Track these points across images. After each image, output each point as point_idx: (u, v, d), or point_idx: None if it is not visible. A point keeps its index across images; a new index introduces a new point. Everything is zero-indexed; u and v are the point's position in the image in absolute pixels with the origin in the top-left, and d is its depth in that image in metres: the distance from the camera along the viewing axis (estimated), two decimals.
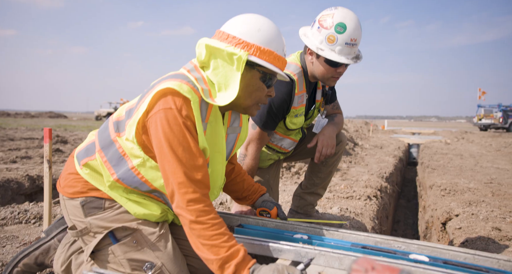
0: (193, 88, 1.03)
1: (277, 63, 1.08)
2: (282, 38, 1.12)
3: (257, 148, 1.66)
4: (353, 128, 12.66)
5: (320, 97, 1.80)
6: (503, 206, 2.86)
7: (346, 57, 1.51)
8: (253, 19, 1.08)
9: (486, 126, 21.24)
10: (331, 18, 1.48)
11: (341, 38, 1.48)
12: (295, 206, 1.99)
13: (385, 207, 3.81)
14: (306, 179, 1.98)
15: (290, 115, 1.67)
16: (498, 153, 7.48)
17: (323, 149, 1.70)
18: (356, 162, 5.92)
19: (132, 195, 1.12)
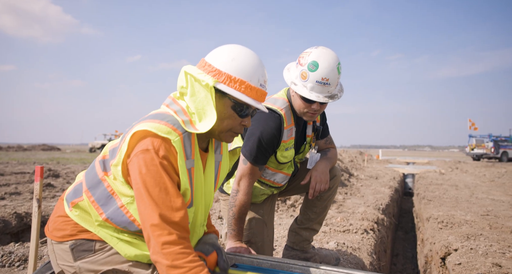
0: (173, 127, 1.03)
1: (249, 93, 1.07)
2: (261, 69, 1.12)
3: (249, 183, 1.66)
4: (348, 159, 12.69)
5: (311, 132, 1.83)
6: (501, 240, 2.82)
7: (317, 94, 1.54)
8: (231, 49, 1.10)
9: (479, 156, 21.49)
10: (308, 55, 1.54)
11: (312, 75, 1.52)
12: (291, 242, 1.94)
13: (382, 240, 3.73)
14: (301, 214, 1.96)
15: (280, 149, 1.69)
16: (492, 184, 7.49)
17: (317, 185, 1.70)
18: (352, 193, 5.87)
19: (123, 234, 1.09)
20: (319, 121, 1.86)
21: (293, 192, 1.98)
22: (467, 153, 22.98)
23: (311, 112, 1.62)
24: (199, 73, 1.06)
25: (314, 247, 2.00)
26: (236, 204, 1.63)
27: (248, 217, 1.79)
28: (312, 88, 1.54)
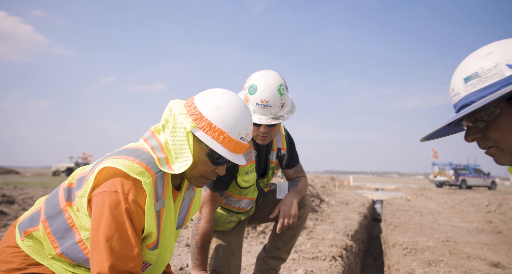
0: (146, 167, 1.01)
1: (227, 144, 1.04)
2: (245, 122, 1.08)
3: (211, 210, 1.65)
4: (319, 184, 12.89)
5: (275, 159, 1.86)
6: (459, 266, 2.96)
7: (259, 117, 1.55)
8: (220, 96, 1.08)
9: (441, 183, 22.58)
10: (250, 79, 1.59)
11: (252, 98, 1.55)
12: (258, 271, 1.94)
13: (351, 267, 3.77)
14: (270, 242, 1.97)
15: (240, 173, 1.70)
16: (453, 210, 7.87)
17: (285, 220, 1.71)
18: (322, 219, 5.94)
19: (80, 268, 1.04)
20: (285, 149, 1.90)
21: (262, 221, 2.00)
22: (431, 180, 24.09)
23: (261, 136, 1.63)
24: (181, 113, 1.06)
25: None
26: (199, 232, 1.62)
27: (215, 245, 1.78)
28: (254, 111, 1.57)
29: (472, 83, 0.84)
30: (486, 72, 0.82)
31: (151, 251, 1.07)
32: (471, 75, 0.84)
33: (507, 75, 0.79)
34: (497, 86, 0.80)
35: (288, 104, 1.65)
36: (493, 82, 0.80)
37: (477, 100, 0.82)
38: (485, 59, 0.83)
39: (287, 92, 1.62)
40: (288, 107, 1.65)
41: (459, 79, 0.87)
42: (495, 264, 2.96)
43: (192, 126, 1.03)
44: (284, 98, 1.59)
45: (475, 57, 0.86)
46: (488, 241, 4.17)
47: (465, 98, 0.85)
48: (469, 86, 0.84)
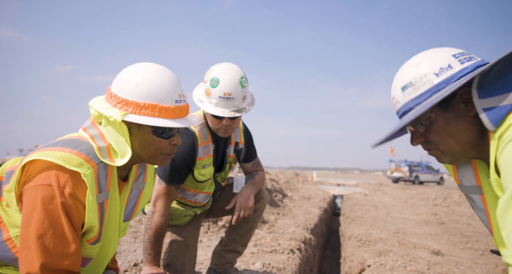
0: (86, 157, 0.96)
1: (165, 114, 1.00)
2: (173, 84, 1.03)
3: (166, 204, 1.63)
4: (284, 180, 13.13)
5: (233, 153, 1.87)
6: (405, 255, 3.17)
7: (222, 110, 1.55)
8: (133, 73, 1.02)
9: (397, 179, 24.01)
10: (210, 72, 1.58)
11: (214, 91, 1.54)
12: (214, 265, 1.95)
13: (309, 260, 3.91)
14: (227, 236, 1.99)
15: (197, 167, 1.70)
16: (405, 204, 8.41)
17: (241, 212, 1.73)
18: (284, 213, 6.07)
19: (7, 268, 0.98)
20: (243, 143, 1.91)
21: (220, 215, 2.01)
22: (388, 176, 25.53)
23: (223, 129, 1.64)
24: (106, 108, 1.00)
25: (237, 270, 2.04)
26: (152, 226, 1.60)
27: (169, 239, 1.76)
28: (217, 104, 1.56)
29: (408, 92, 0.93)
30: (418, 81, 0.91)
31: (93, 246, 1.04)
32: (406, 84, 0.93)
33: (436, 82, 0.88)
34: (429, 93, 0.89)
35: (249, 96, 1.67)
36: (426, 90, 0.89)
37: (415, 107, 0.91)
38: (416, 69, 0.92)
39: (248, 85, 1.64)
40: (248, 99, 1.66)
41: (397, 88, 0.96)
42: (436, 252, 3.22)
43: (122, 115, 0.98)
44: (246, 90, 1.61)
45: (408, 68, 0.95)
46: (433, 231, 4.52)
47: (405, 105, 0.94)
48: (406, 94, 0.93)
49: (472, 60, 0.89)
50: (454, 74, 0.87)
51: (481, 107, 0.84)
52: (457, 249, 3.46)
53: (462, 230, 4.75)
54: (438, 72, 0.89)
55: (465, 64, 0.88)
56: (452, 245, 3.66)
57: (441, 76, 0.88)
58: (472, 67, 0.87)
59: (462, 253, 3.28)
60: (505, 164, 0.75)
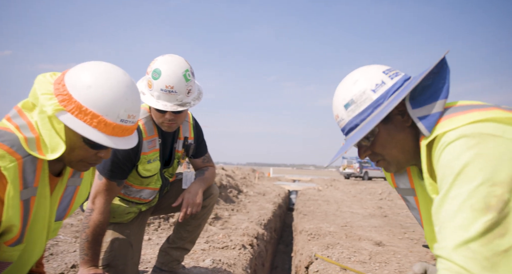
0: (9, 149, 0.86)
1: (103, 129, 0.93)
2: (126, 101, 0.96)
3: (106, 201, 1.54)
4: (240, 176, 13.17)
5: (181, 148, 1.82)
6: (351, 246, 3.35)
7: (164, 103, 1.49)
8: (93, 72, 0.95)
9: (349, 175, 25.32)
10: (153, 63, 1.52)
11: (156, 84, 1.48)
12: (160, 263, 1.89)
13: (261, 255, 3.97)
14: (174, 233, 1.93)
15: (142, 162, 1.63)
16: (354, 199, 8.89)
17: (188, 208, 1.68)
18: (238, 209, 6.09)
19: None
20: (193, 138, 1.86)
21: (167, 211, 1.95)
22: (340, 172, 26.81)
23: (167, 123, 1.58)
24: (46, 93, 0.91)
25: (184, 267, 1.99)
26: (90, 224, 1.50)
27: (110, 238, 1.67)
28: (159, 97, 1.50)
29: (351, 109, 0.99)
30: (359, 98, 0.97)
31: (12, 248, 0.94)
32: (348, 102, 0.99)
33: (375, 98, 0.96)
34: (370, 109, 0.96)
35: (195, 91, 1.61)
36: (367, 106, 0.96)
37: (360, 123, 0.98)
38: (354, 87, 0.99)
39: (194, 79, 1.58)
40: (195, 94, 1.60)
41: (340, 106, 1.02)
42: (378, 243, 3.44)
43: (55, 110, 0.90)
44: (191, 84, 1.55)
45: (347, 85, 1.01)
46: (377, 224, 4.83)
47: (350, 122, 1.00)
48: (349, 112, 0.99)
49: (398, 75, 0.98)
50: (388, 89, 0.95)
51: (416, 116, 0.91)
52: (396, 240, 3.73)
53: (401, 221, 5.13)
54: (374, 88, 0.96)
55: (394, 80, 0.97)
56: (392, 236, 3.94)
57: (378, 92, 0.96)
58: (400, 82, 0.96)
59: (400, 243, 3.54)
60: (441, 168, 0.80)
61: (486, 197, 0.71)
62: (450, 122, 0.83)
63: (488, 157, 0.73)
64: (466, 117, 0.81)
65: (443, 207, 0.76)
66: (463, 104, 0.90)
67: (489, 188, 0.71)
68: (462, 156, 0.75)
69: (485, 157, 0.73)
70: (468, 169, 0.74)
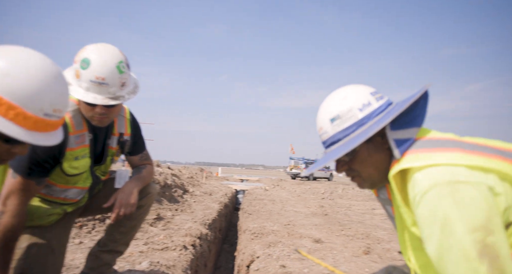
0: None
1: (22, 122, 0.84)
2: (52, 94, 0.88)
3: (21, 202, 1.38)
4: (187, 175, 12.86)
5: (116, 144, 1.71)
6: (292, 244, 3.45)
7: (94, 96, 1.38)
8: (13, 58, 0.85)
9: (295, 175, 26.22)
10: (82, 52, 1.40)
11: (85, 74, 1.36)
12: (88, 268, 1.74)
13: (203, 255, 3.90)
14: (106, 235, 1.80)
15: (68, 158, 1.49)
16: (299, 198, 9.22)
17: (122, 209, 1.57)
18: (183, 209, 5.93)
19: None
20: (129, 135, 1.75)
21: (98, 212, 1.81)
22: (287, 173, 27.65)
23: (97, 117, 1.46)
24: None
25: (116, 271, 1.87)
26: (0, 229, 1.33)
27: (27, 243, 1.49)
28: (88, 89, 1.38)
29: (336, 124, 1.03)
30: (345, 114, 1.02)
31: None
32: (334, 117, 1.04)
33: (360, 117, 1.01)
34: (354, 127, 1.01)
35: (131, 84, 1.51)
36: (352, 124, 1.01)
37: (343, 138, 1.02)
38: (343, 103, 1.04)
39: (129, 71, 1.48)
40: (130, 87, 1.50)
41: (326, 119, 1.06)
42: (317, 240, 3.59)
43: None
44: (125, 76, 1.44)
45: (335, 101, 1.06)
46: (317, 222, 5.05)
47: (333, 136, 1.04)
48: (335, 126, 1.04)
49: (383, 98, 1.05)
50: (374, 110, 1.01)
51: (392, 138, 0.98)
52: (334, 236, 3.94)
53: (340, 219, 5.43)
54: (361, 108, 1.02)
55: (379, 102, 1.03)
56: (330, 233, 4.15)
57: (364, 112, 1.01)
58: (384, 105, 1.03)
59: (337, 240, 3.75)
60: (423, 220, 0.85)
61: (474, 245, 0.76)
62: (417, 158, 0.90)
63: (463, 205, 0.79)
64: (432, 158, 0.88)
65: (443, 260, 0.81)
66: (431, 138, 0.97)
67: (472, 235, 0.77)
68: (440, 207, 0.81)
69: (460, 205, 0.79)
70: (450, 220, 0.79)
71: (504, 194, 0.83)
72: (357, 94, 1.04)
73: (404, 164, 0.92)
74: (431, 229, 0.84)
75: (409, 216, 0.97)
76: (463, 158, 0.86)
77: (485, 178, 0.83)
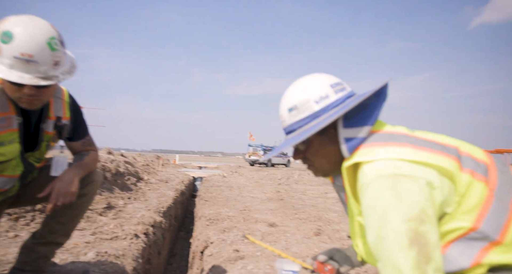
0: None
1: None
2: None
3: None
4: (142, 163, 12.40)
5: (52, 129, 1.57)
6: (247, 229, 3.50)
7: (20, 74, 1.23)
8: None
9: (254, 161, 26.55)
10: (3, 24, 1.23)
11: (6, 49, 1.21)
12: (21, 262, 1.61)
13: (157, 243, 3.81)
14: (43, 226, 1.66)
15: None
16: (256, 184, 9.36)
17: (59, 199, 1.45)
18: (136, 197, 5.73)
19: None
20: (68, 119, 1.61)
21: (31, 203, 1.66)
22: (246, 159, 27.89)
23: (26, 99, 1.32)
24: None
25: (55, 264, 1.75)
26: None
27: None
28: (12, 66, 1.23)
29: (293, 114, 1.06)
30: (302, 106, 1.04)
31: None
32: (292, 106, 1.06)
33: (316, 110, 1.03)
34: (309, 118, 1.03)
35: (66, 63, 1.36)
36: (307, 116, 1.03)
37: (298, 129, 1.05)
38: (301, 93, 1.05)
39: (64, 49, 1.33)
40: (65, 67, 1.36)
41: (285, 108, 1.08)
42: (271, 224, 3.68)
43: None
44: (58, 55, 1.30)
45: (294, 91, 1.07)
46: (273, 207, 5.17)
47: (290, 125, 1.07)
48: (291, 116, 1.06)
49: (344, 91, 1.05)
50: (330, 103, 1.02)
51: (343, 137, 1.00)
52: (288, 220, 4.06)
53: (295, 204, 5.62)
54: (318, 100, 1.03)
55: (338, 95, 1.04)
56: (285, 217, 4.28)
57: (320, 104, 1.03)
58: (343, 98, 1.04)
59: (291, 223, 3.87)
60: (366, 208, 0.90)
61: (407, 233, 0.82)
62: (368, 152, 0.94)
63: (401, 196, 0.85)
64: (382, 152, 0.92)
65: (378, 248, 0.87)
66: (384, 133, 1.00)
67: (406, 225, 0.82)
68: (381, 197, 0.87)
69: (399, 197, 0.85)
70: (388, 211, 0.85)
71: (441, 188, 0.89)
72: (316, 86, 1.05)
73: (356, 158, 0.96)
74: (371, 218, 0.89)
75: (356, 207, 1.03)
76: (410, 152, 0.91)
77: (425, 172, 0.89)
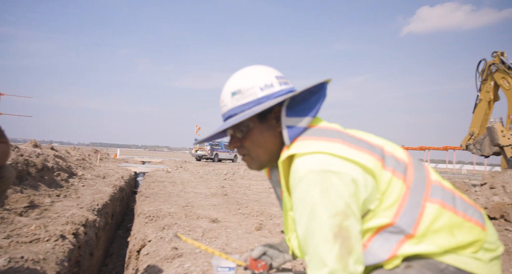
0: None
1: None
2: None
3: None
4: (77, 157, 11.41)
5: None
6: (188, 225, 3.40)
7: None
8: None
9: (200, 157, 26.08)
10: None
11: None
12: None
13: (88, 243, 3.52)
14: None
15: None
16: (201, 179, 9.19)
17: None
18: (67, 195, 5.23)
19: None
20: None
21: None
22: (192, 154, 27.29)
23: None
24: None
25: None
26: None
27: None
28: None
29: (236, 98, 1.04)
30: (246, 90, 1.03)
31: None
32: (236, 91, 1.05)
33: (260, 96, 1.03)
34: (252, 104, 1.02)
35: None
36: (250, 100, 1.03)
37: (239, 113, 1.03)
38: (246, 79, 1.05)
39: None
40: None
41: (228, 92, 1.06)
42: (214, 220, 3.63)
43: None
44: None
45: (239, 77, 1.07)
46: (216, 202, 5.11)
47: (231, 110, 1.05)
48: (234, 100, 1.05)
49: (287, 85, 1.08)
50: (274, 92, 1.03)
51: (285, 124, 1.01)
52: (231, 215, 4.04)
53: (238, 199, 5.63)
54: (263, 87, 1.03)
55: (282, 87, 1.05)
56: (228, 213, 4.25)
57: (264, 92, 1.03)
58: (286, 90, 1.05)
59: (233, 218, 3.86)
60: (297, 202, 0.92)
61: (332, 227, 0.87)
62: (302, 144, 0.96)
63: (329, 192, 0.88)
64: (315, 145, 0.94)
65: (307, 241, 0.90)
66: (319, 128, 1.02)
67: (332, 219, 0.87)
68: (309, 193, 0.89)
69: (326, 192, 0.88)
70: (316, 206, 0.88)
71: (364, 185, 0.93)
72: (262, 74, 1.06)
73: (292, 150, 0.97)
74: (301, 212, 0.92)
75: (288, 201, 1.04)
76: (340, 149, 0.94)
77: (352, 169, 0.92)
